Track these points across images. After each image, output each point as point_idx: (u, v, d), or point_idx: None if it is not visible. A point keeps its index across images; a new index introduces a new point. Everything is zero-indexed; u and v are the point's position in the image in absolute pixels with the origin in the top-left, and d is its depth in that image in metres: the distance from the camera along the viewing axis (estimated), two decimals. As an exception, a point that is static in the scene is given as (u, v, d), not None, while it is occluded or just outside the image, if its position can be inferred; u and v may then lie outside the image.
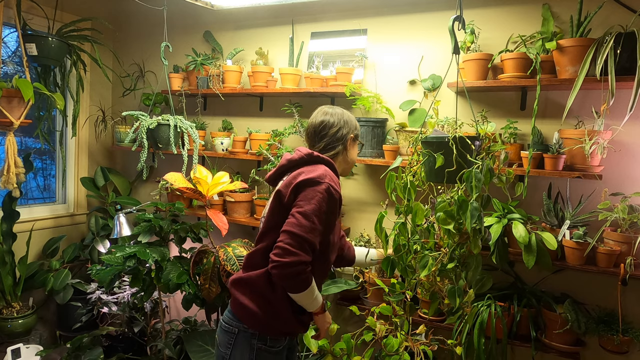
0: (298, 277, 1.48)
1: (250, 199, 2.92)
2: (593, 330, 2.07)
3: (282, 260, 1.45)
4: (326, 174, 1.57)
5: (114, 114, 3.63)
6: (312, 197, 1.52)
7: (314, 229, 1.49)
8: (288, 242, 1.47)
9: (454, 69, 1.75)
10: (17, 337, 2.86)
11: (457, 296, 1.62)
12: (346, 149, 1.76)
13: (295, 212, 1.51)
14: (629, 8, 2.07)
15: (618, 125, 2.05)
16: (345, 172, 1.83)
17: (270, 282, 1.58)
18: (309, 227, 1.48)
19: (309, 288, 1.54)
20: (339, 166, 1.75)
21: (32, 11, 2.97)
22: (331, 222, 1.59)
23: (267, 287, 1.59)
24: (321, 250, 1.59)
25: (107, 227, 3.39)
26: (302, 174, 1.58)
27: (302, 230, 1.47)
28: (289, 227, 1.49)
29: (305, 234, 1.47)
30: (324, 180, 1.55)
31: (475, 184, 1.47)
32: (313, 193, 1.52)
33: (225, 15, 3.15)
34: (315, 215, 1.50)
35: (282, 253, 1.46)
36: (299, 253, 1.46)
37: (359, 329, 2.14)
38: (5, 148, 2.55)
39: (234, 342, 1.62)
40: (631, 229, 2.02)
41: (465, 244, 1.62)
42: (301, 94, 2.78)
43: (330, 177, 1.58)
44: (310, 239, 1.48)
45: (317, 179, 1.55)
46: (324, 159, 1.66)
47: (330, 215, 1.56)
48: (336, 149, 1.73)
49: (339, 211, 1.65)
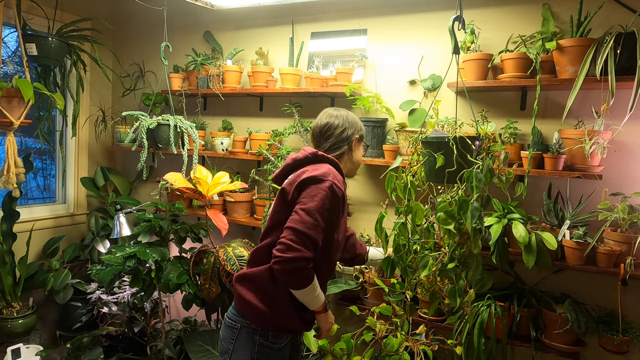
0: (300, 273, 1.50)
1: (250, 199, 2.92)
2: (593, 330, 2.07)
3: (284, 256, 1.47)
4: (329, 172, 1.59)
5: (114, 114, 3.63)
6: (315, 195, 1.54)
7: (317, 226, 1.51)
8: (290, 238, 1.49)
9: (454, 69, 1.75)
10: (17, 337, 2.86)
11: (458, 296, 1.62)
12: (351, 149, 1.78)
13: (298, 209, 1.53)
14: (629, 8, 2.07)
15: (618, 125, 2.05)
16: (351, 172, 1.85)
17: (273, 278, 1.59)
18: (311, 223, 1.50)
19: (311, 285, 1.55)
20: (344, 167, 1.78)
21: (32, 11, 2.97)
22: (334, 220, 1.60)
23: (270, 283, 1.61)
24: (325, 249, 1.60)
25: (107, 227, 3.39)
26: (306, 172, 1.61)
27: (304, 226, 1.49)
28: (292, 223, 1.51)
29: (308, 230, 1.49)
30: (327, 178, 1.57)
31: (476, 184, 1.47)
32: (316, 190, 1.54)
33: (225, 15, 3.15)
34: (318, 212, 1.52)
35: (285, 249, 1.48)
36: (300, 249, 1.48)
37: (359, 329, 2.14)
38: (5, 148, 2.55)
39: (236, 338, 1.64)
40: (631, 229, 2.02)
41: (465, 244, 1.62)
42: (301, 94, 2.78)
43: (333, 175, 1.59)
44: (312, 235, 1.50)
45: (320, 176, 1.57)
46: (329, 158, 1.69)
47: (333, 212, 1.58)
48: (341, 149, 1.75)
49: (344, 210, 1.67)
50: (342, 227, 1.70)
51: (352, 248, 2.00)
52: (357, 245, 2.03)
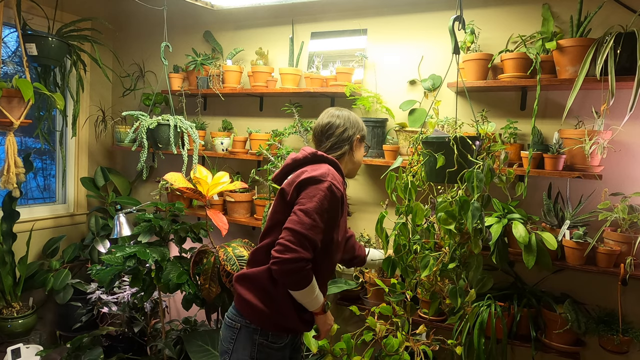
0: (298, 274, 1.50)
1: (250, 199, 2.92)
2: (593, 330, 2.07)
3: (282, 257, 1.47)
4: (328, 173, 1.59)
5: (114, 114, 3.63)
6: (313, 195, 1.54)
7: (315, 227, 1.51)
8: (289, 239, 1.49)
9: (454, 69, 1.75)
10: (17, 337, 2.86)
11: (459, 296, 1.62)
12: (352, 149, 1.78)
13: (297, 209, 1.53)
14: (629, 8, 2.07)
15: (618, 125, 2.05)
16: (351, 173, 1.85)
17: (273, 279, 1.59)
18: (309, 224, 1.50)
19: (309, 286, 1.55)
20: (345, 167, 1.78)
21: (32, 11, 2.97)
22: (333, 220, 1.60)
23: (269, 283, 1.61)
24: (325, 249, 1.60)
25: (107, 227, 3.39)
26: (305, 173, 1.61)
27: (302, 227, 1.49)
28: (290, 224, 1.51)
29: (306, 231, 1.49)
30: (326, 178, 1.57)
31: (476, 184, 1.47)
32: (315, 191, 1.54)
33: (225, 15, 3.15)
34: (317, 212, 1.52)
35: (283, 249, 1.48)
36: (298, 250, 1.48)
37: (359, 329, 2.14)
38: (5, 148, 2.55)
39: (236, 337, 1.64)
40: (631, 229, 2.02)
41: (466, 244, 1.62)
42: (301, 94, 2.78)
43: (332, 176, 1.59)
44: (310, 236, 1.49)
45: (319, 177, 1.57)
46: (328, 158, 1.69)
47: (332, 213, 1.58)
48: (342, 149, 1.75)
49: (343, 210, 1.67)
50: (341, 227, 1.70)
51: (351, 249, 2.00)
52: (357, 246, 2.03)
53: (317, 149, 1.76)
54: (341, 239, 1.72)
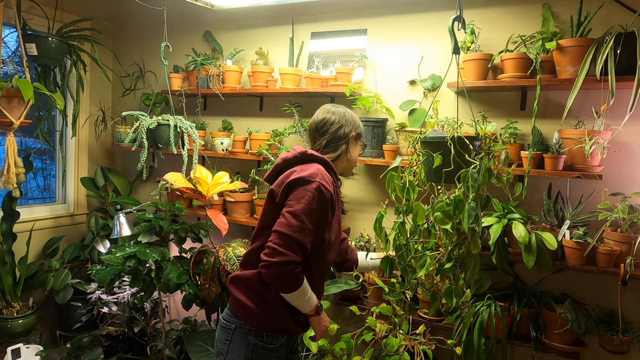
0: (287, 276, 1.49)
1: (250, 199, 2.92)
2: (593, 330, 2.07)
3: (270, 260, 1.46)
4: (317, 173, 1.57)
5: (114, 114, 3.63)
6: (302, 197, 1.52)
7: (304, 229, 1.49)
8: (277, 242, 1.48)
9: (454, 69, 1.75)
10: (17, 337, 2.86)
11: (454, 296, 1.61)
12: (349, 148, 1.75)
13: (285, 211, 1.52)
14: (629, 8, 2.07)
15: (618, 125, 2.05)
16: (346, 171, 1.82)
17: (264, 280, 1.58)
18: (297, 226, 1.48)
19: (300, 289, 1.53)
20: (339, 165, 1.75)
21: (32, 11, 2.97)
22: (323, 221, 1.58)
23: (261, 285, 1.60)
24: (317, 249, 1.59)
25: (107, 227, 3.39)
26: (294, 173, 1.59)
27: (290, 230, 1.47)
28: (279, 227, 1.50)
29: (294, 233, 1.47)
30: (315, 179, 1.54)
31: (471, 184, 1.46)
32: (303, 192, 1.52)
33: (225, 15, 3.15)
34: (305, 214, 1.50)
35: (271, 253, 1.47)
36: (287, 253, 1.46)
37: (359, 329, 2.14)
38: (5, 148, 2.55)
39: (231, 339, 1.64)
40: (631, 229, 2.02)
41: (463, 243, 1.62)
42: (301, 94, 2.78)
43: (321, 176, 1.57)
44: (299, 238, 1.48)
45: (307, 177, 1.54)
46: (318, 158, 1.66)
47: (322, 213, 1.55)
48: (339, 149, 1.72)
49: (335, 209, 1.65)
50: (334, 227, 1.68)
51: (344, 252, 1.97)
52: (349, 250, 2.00)
53: (312, 147, 1.73)
54: (334, 238, 1.69)
